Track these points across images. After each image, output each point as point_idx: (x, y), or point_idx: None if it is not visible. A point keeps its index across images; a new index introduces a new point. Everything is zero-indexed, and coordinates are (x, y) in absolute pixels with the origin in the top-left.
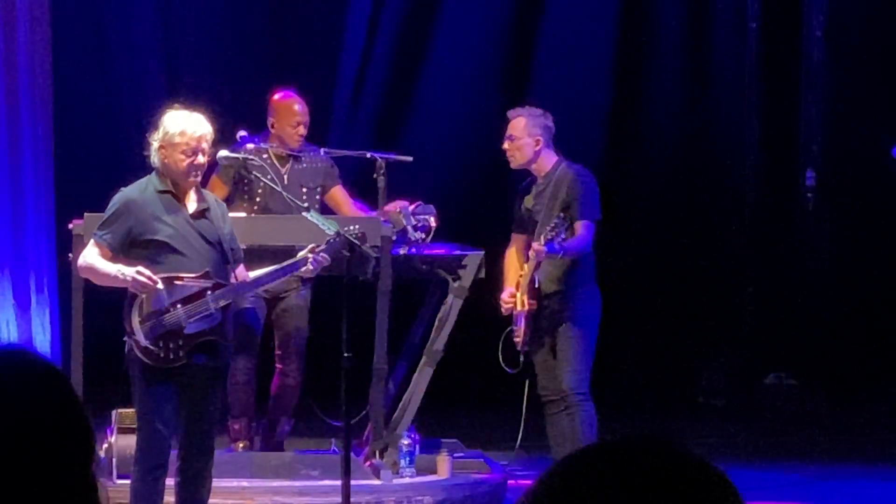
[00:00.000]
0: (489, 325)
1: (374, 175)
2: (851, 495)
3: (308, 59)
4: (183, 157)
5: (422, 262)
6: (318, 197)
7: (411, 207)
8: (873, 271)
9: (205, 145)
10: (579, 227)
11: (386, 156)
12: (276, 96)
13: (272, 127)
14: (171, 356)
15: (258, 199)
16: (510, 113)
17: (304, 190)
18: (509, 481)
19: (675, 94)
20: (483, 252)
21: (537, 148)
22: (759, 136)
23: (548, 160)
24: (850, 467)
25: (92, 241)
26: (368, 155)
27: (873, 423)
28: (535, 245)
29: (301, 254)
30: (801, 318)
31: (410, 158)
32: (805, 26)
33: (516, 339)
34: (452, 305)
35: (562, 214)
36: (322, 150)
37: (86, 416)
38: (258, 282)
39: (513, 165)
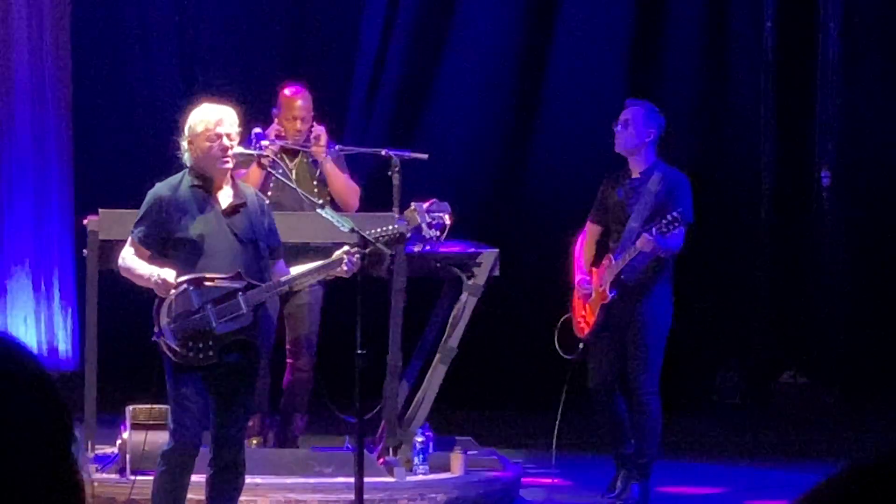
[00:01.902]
0: (504, 323)
1: (389, 172)
2: None
3: (324, 55)
4: (208, 143)
5: (436, 259)
6: (315, 190)
7: (426, 205)
8: (889, 271)
9: (228, 129)
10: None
11: (401, 153)
12: (284, 90)
13: (276, 120)
14: (201, 356)
15: (269, 195)
16: (629, 101)
17: (315, 183)
18: (523, 479)
19: (690, 93)
20: (498, 250)
21: (648, 140)
22: (775, 134)
23: (649, 156)
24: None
25: (129, 239)
26: (383, 152)
27: (888, 422)
28: (646, 236)
29: (336, 254)
30: (817, 317)
31: (426, 156)
32: (821, 24)
33: (583, 326)
34: (467, 303)
35: (680, 209)
36: (336, 147)
37: (61, 399)
38: (290, 281)
39: (617, 149)
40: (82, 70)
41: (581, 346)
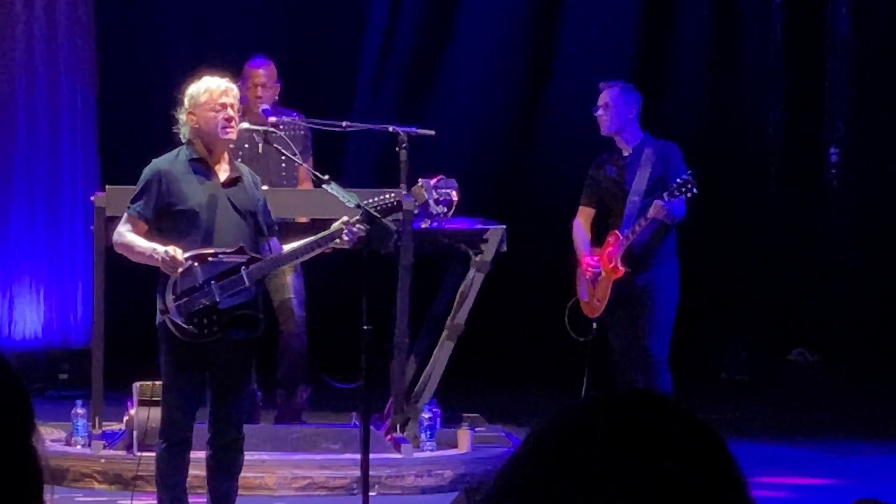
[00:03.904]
0: (511, 299)
1: (397, 149)
2: (875, 471)
3: (333, 33)
4: (213, 113)
5: (443, 236)
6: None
7: (433, 181)
8: None
9: (233, 100)
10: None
11: (408, 129)
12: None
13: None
14: (206, 332)
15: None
16: (604, 84)
17: (283, 158)
18: None
19: (700, 71)
20: (505, 226)
21: (630, 117)
22: (784, 112)
23: (636, 133)
24: (874, 443)
25: (125, 215)
26: (391, 128)
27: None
28: (658, 203)
29: (335, 225)
30: (825, 294)
31: (433, 132)
32: (830, 2)
33: (596, 305)
34: (474, 279)
35: (688, 172)
36: (344, 123)
37: (19, 381)
38: (293, 254)
39: (603, 132)
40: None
41: (595, 326)
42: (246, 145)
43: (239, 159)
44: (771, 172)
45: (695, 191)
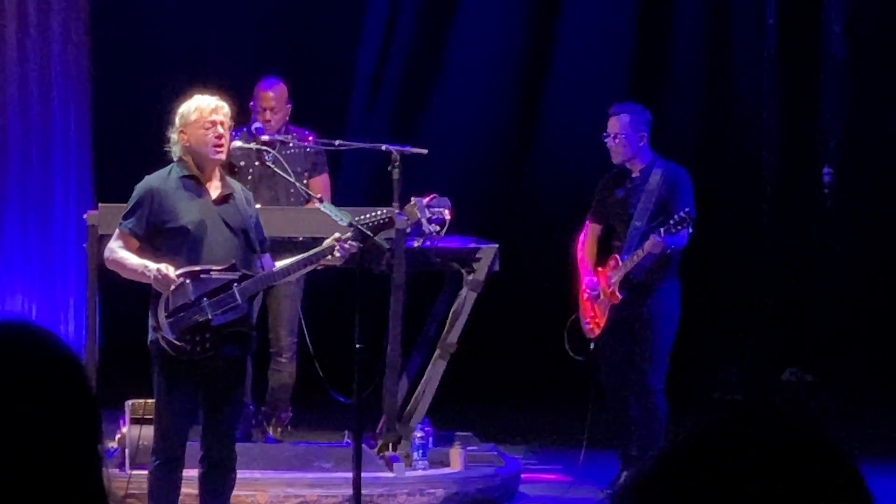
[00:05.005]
0: (504, 318)
1: (389, 167)
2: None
3: (326, 51)
4: (203, 131)
5: (436, 254)
6: (304, 182)
7: (426, 200)
8: (891, 268)
9: (223, 118)
10: None
11: (401, 148)
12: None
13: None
14: (199, 349)
15: (248, 188)
16: (613, 109)
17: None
18: (522, 475)
19: (693, 90)
20: (497, 245)
21: (641, 144)
22: (778, 132)
23: (646, 154)
24: (868, 464)
25: (117, 232)
26: (383, 147)
27: (890, 419)
28: (654, 238)
29: (327, 242)
30: (819, 314)
31: (425, 151)
32: (824, 22)
33: (591, 327)
34: (466, 298)
35: (687, 209)
36: (314, 135)
37: (92, 395)
38: (285, 271)
39: (615, 161)
40: (98, 61)
41: (592, 346)
42: (256, 163)
43: (249, 177)
44: (765, 192)
45: (690, 230)
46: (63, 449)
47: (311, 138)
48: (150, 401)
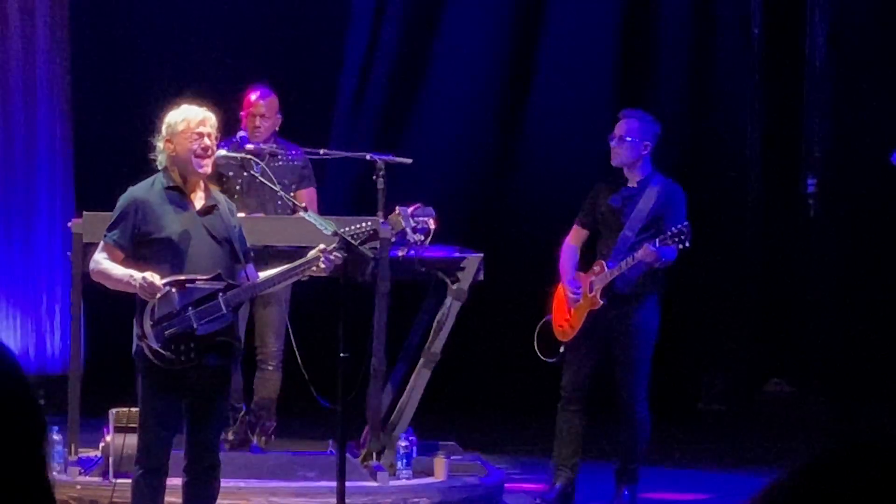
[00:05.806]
0: (488, 327)
1: (374, 177)
2: None
3: (310, 60)
4: (189, 142)
5: (420, 264)
6: (292, 194)
7: (410, 209)
8: (874, 278)
9: (210, 129)
10: None
11: (385, 157)
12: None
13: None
14: (183, 358)
15: (235, 198)
16: (625, 112)
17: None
18: (506, 484)
19: (677, 99)
20: (482, 255)
21: (645, 153)
22: (762, 142)
23: (645, 166)
24: None
25: (101, 244)
26: (368, 156)
27: (873, 430)
28: (648, 247)
29: (312, 253)
30: (802, 324)
31: (410, 160)
32: (808, 33)
33: (568, 330)
34: (451, 308)
35: (685, 223)
36: (301, 150)
37: (35, 399)
38: (270, 282)
39: (614, 163)
40: (80, 73)
41: (562, 349)
42: (245, 173)
43: (238, 187)
44: (748, 202)
45: (687, 244)
46: (5, 450)
47: (294, 152)
48: (134, 409)
